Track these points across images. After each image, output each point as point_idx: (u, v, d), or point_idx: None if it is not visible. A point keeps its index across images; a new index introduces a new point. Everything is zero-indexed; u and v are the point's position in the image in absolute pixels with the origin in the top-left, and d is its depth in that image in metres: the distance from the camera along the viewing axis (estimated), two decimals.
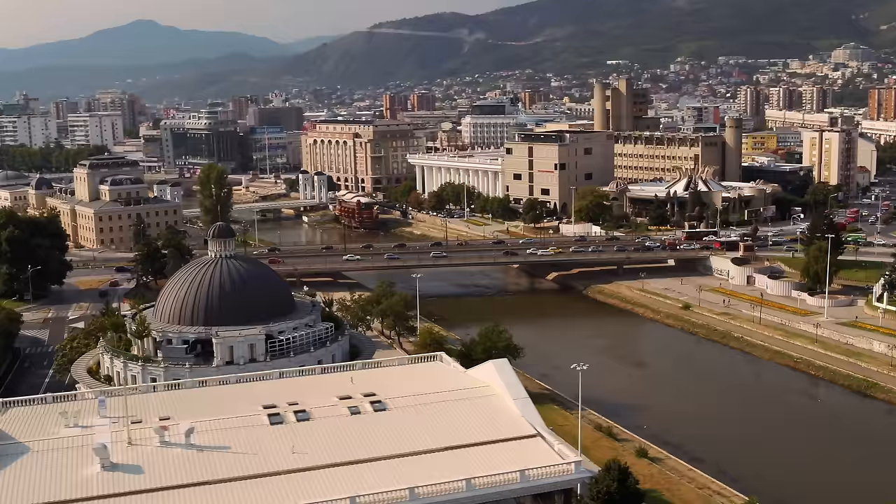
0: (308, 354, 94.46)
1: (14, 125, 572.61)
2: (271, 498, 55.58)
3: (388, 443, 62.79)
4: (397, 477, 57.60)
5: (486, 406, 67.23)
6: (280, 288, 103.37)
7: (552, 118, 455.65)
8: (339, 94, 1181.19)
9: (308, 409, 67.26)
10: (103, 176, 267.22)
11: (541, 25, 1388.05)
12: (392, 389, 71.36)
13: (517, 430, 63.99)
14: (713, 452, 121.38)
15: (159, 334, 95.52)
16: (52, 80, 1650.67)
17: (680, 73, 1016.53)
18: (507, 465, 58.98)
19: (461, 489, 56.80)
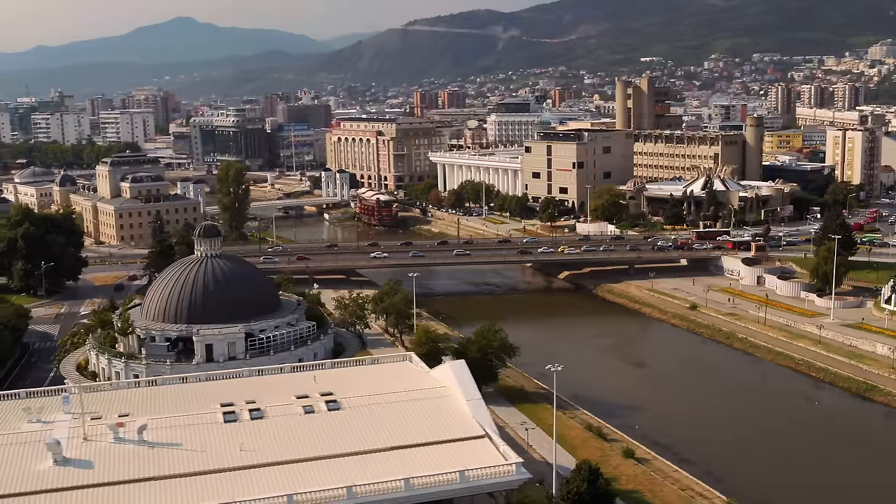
0: (288, 353, 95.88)
1: (47, 122, 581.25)
2: (212, 494, 56.89)
3: (336, 442, 63.92)
4: (339, 476, 58.67)
5: (438, 407, 68.15)
6: (264, 287, 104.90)
7: (576, 116, 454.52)
8: (374, 92, 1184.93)
9: (263, 407, 68.58)
10: (124, 173, 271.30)
11: (575, 23, 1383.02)
12: (351, 389, 72.44)
13: (466, 430, 64.81)
14: (703, 454, 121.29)
15: (143, 332, 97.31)
16: (91, 77, 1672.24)
17: (714, 70, 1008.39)
18: (449, 465, 59.83)
19: (399, 488, 57.76)
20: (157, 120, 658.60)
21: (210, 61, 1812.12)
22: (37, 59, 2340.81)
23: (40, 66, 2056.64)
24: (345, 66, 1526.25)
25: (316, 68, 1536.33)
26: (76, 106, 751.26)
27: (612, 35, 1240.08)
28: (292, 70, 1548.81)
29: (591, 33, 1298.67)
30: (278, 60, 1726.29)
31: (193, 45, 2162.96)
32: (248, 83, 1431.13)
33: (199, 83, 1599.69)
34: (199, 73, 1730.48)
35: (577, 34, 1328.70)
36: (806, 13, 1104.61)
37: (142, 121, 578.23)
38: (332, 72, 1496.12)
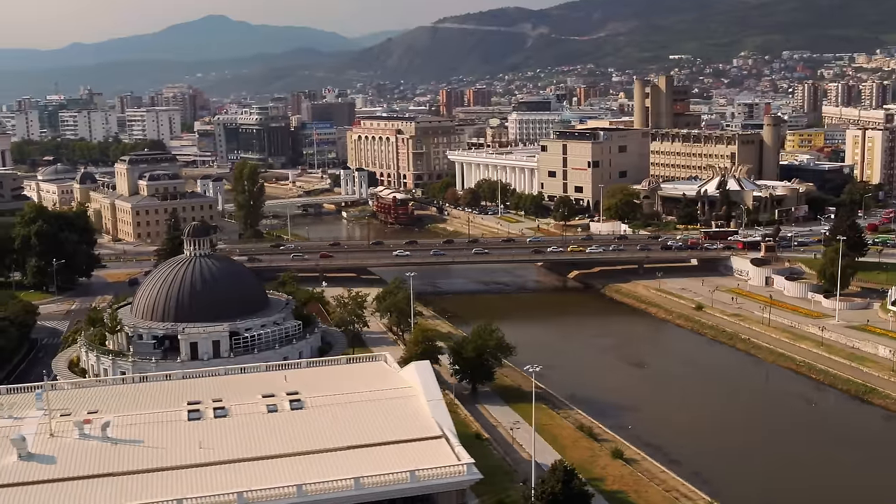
0: (273, 351, 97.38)
1: (75, 119, 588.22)
2: (165, 491, 58.30)
3: (294, 441, 65.17)
4: (292, 474, 59.85)
5: (400, 407, 69.24)
6: (251, 286, 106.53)
7: (596, 115, 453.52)
8: (402, 90, 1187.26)
9: (228, 406, 69.99)
10: (142, 171, 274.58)
11: (604, 20, 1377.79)
12: (319, 389, 73.70)
13: (424, 431, 65.84)
14: (693, 455, 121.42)
15: (131, 330, 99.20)
16: (124, 74, 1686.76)
17: (743, 68, 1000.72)
18: (402, 465, 60.83)
19: (349, 487, 58.83)
20: (185, 117, 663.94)
21: (241, 59, 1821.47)
22: (71, 56, 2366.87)
23: (75, 63, 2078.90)
24: (374, 64, 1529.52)
25: (345, 66, 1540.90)
26: (106, 103, 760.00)
27: (641, 32, 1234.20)
28: (322, 67, 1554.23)
29: (621, 31, 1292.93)
30: (308, 58, 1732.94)
31: (226, 42, 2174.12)
32: (278, 80, 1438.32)
33: (230, 80, 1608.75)
34: (231, 71, 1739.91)
35: (606, 32, 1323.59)
36: (838, 10, 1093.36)
37: (168, 119, 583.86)
38: (361, 69, 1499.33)
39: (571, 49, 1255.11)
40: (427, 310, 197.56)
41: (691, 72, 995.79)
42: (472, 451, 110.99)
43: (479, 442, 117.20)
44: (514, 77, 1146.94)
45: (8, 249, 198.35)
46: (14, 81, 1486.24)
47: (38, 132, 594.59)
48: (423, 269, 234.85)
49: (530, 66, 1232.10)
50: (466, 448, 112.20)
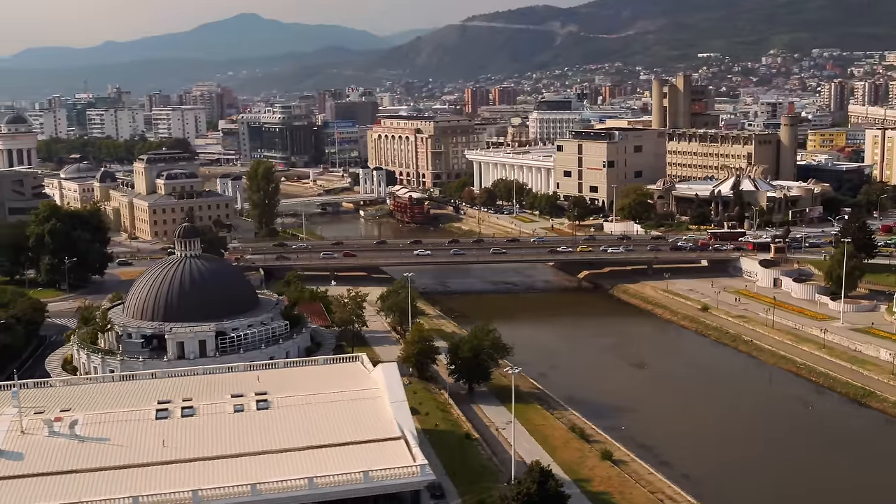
0: (259, 351, 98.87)
1: (102, 118, 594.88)
2: (122, 488, 59.81)
3: (256, 440, 66.58)
4: (250, 473, 61.19)
5: (363, 408, 70.44)
6: (240, 287, 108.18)
7: (616, 114, 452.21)
8: (430, 88, 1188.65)
9: (196, 405, 71.55)
10: (160, 170, 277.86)
11: (633, 18, 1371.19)
12: (288, 389, 75.06)
13: (384, 432, 67.01)
14: (684, 457, 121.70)
15: (121, 329, 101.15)
16: (156, 72, 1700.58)
17: (771, 66, 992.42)
18: (358, 465, 61.98)
19: (303, 487, 60.09)
20: (212, 116, 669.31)
21: (272, 57, 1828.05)
22: (105, 54, 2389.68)
23: (108, 61, 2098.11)
24: (403, 62, 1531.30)
25: (375, 64, 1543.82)
26: (135, 101, 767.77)
27: (670, 30, 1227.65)
28: (352, 66, 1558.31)
29: (649, 29, 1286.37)
30: (338, 56, 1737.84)
31: (257, 41, 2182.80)
32: (307, 78, 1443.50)
33: (261, 79, 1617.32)
34: (262, 69, 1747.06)
35: (634, 30, 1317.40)
36: (867, 7, 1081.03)
37: (193, 117, 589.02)
38: (390, 67, 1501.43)
39: (600, 47, 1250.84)
40: (434, 309, 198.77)
41: (719, 70, 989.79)
42: (459, 451, 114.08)
43: (469, 442, 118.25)
44: (542, 75, 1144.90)
45: (23, 247, 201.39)
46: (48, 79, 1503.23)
47: (65, 130, 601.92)
48: (433, 269, 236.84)
49: (559, 64, 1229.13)
50: (455, 448, 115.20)
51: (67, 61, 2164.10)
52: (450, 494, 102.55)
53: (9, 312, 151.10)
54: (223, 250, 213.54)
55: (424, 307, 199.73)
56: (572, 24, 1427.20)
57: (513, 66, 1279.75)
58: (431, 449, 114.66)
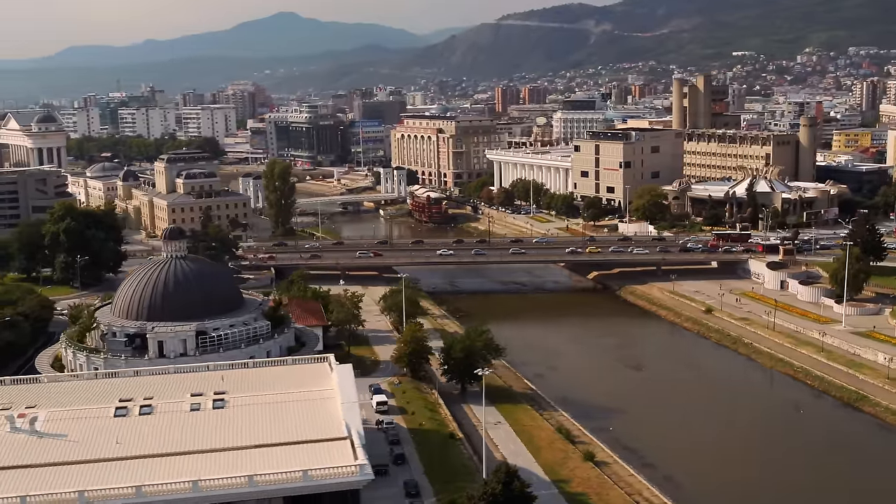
0: (239, 350, 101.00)
1: (133, 117, 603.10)
2: (61, 481, 62.01)
3: (207, 438, 68.70)
4: (193, 470, 63.25)
5: (315, 408, 72.30)
6: (224, 288, 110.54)
7: (639, 114, 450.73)
8: (463, 87, 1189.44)
9: (155, 404, 73.72)
10: (180, 170, 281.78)
11: (668, 16, 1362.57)
12: (248, 389, 77.12)
13: (331, 432, 68.73)
14: (669, 459, 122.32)
15: (106, 328, 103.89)
16: (194, 70, 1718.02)
17: (807, 64, 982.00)
18: (300, 464, 63.77)
19: (244, 484, 62.03)
20: (244, 115, 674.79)
21: (310, 55, 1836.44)
22: (145, 52, 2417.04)
23: (148, 59, 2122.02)
24: (438, 61, 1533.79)
25: (410, 63, 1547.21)
26: (169, 100, 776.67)
27: (705, 29, 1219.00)
28: (388, 64, 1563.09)
29: (684, 27, 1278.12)
30: (375, 54, 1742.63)
31: (296, 39, 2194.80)
32: (344, 77, 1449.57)
33: (298, 77, 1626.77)
34: (299, 68, 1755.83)
35: (669, 28, 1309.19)
36: None
37: (223, 116, 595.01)
38: (425, 66, 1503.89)
39: (634, 46, 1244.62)
40: (439, 309, 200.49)
41: (754, 69, 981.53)
42: (441, 451, 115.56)
43: (452, 441, 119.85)
44: (576, 74, 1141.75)
45: (39, 246, 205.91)
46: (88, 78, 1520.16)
47: (98, 129, 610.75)
48: (445, 269, 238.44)
49: (592, 62, 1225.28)
50: (437, 447, 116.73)
51: (108, 60, 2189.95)
52: (425, 492, 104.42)
53: (16, 309, 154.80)
54: (234, 249, 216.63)
55: (430, 307, 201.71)
56: (607, 22, 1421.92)
57: (547, 65, 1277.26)
58: (413, 448, 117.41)
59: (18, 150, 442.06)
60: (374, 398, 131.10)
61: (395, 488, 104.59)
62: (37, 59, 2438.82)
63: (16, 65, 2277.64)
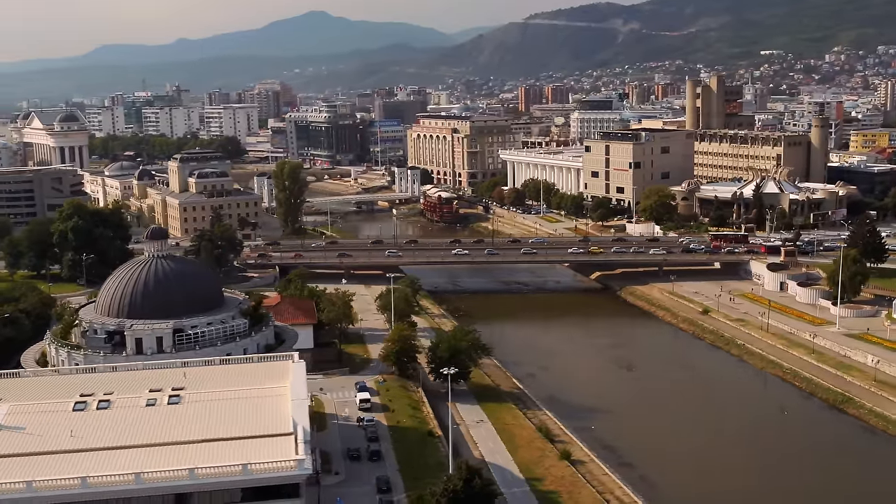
0: (215, 348, 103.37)
1: (157, 116, 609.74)
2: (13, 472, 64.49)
3: (156, 432, 71.08)
4: (137, 463, 65.59)
5: (266, 405, 74.41)
6: (205, 287, 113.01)
7: (655, 114, 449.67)
8: (490, 86, 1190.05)
9: (113, 399, 76.21)
10: (192, 169, 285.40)
11: (696, 15, 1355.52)
12: (206, 385, 79.41)
13: (278, 428, 70.81)
14: (647, 459, 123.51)
15: (87, 325, 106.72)
16: (225, 69, 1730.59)
17: (835, 63, 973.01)
18: (243, 458, 65.92)
19: (184, 477, 64.29)
20: (269, 114, 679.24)
21: (339, 54, 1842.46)
22: (177, 51, 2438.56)
23: (180, 58, 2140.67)
24: (466, 60, 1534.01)
25: (437, 62, 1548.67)
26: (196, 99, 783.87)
27: (733, 28, 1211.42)
28: (415, 63, 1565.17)
29: (712, 26, 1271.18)
30: (403, 54, 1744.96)
31: (325, 38, 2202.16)
32: (371, 76, 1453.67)
33: (326, 76, 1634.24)
34: (328, 67, 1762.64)
35: (697, 27, 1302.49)
36: None
37: (245, 115, 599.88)
38: (453, 65, 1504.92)
39: (662, 44, 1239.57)
40: (439, 308, 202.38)
41: (781, 67, 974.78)
42: (418, 448, 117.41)
43: (430, 439, 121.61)
44: (602, 73, 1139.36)
45: (48, 244, 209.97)
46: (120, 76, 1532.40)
47: (123, 128, 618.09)
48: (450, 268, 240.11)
49: (619, 62, 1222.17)
50: (414, 444, 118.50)
51: (140, 58, 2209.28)
52: (397, 489, 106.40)
53: (18, 306, 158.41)
54: (238, 248, 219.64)
55: (430, 306, 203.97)
56: (634, 21, 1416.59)
57: (574, 64, 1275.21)
58: (390, 444, 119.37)
59: (42, 149, 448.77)
60: (358, 395, 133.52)
61: (368, 485, 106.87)
62: (70, 58, 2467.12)
63: (50, 64, 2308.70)
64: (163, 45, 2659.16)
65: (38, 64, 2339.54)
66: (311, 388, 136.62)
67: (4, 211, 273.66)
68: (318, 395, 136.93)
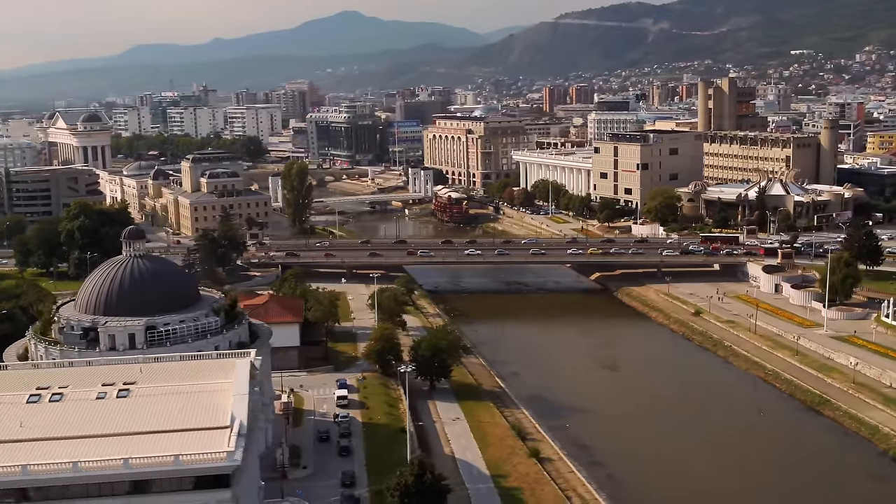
0: (186, 344, 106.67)
1: (181, 116, 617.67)
2: None
3: (102, 424, 74.49)
4: (79, 452, 69.00)
5: (209, 399, 77.55)
6: (180, 286, 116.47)
7: (671, 115, 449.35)
8: (519, 86, 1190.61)
9: (66, 392, 79.76)
10: (204, 169, 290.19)
11: (726, 14, 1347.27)
12: (158, 380, 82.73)
13: (216, 421, 73.89)
14: (616, 457, 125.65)
15: (65, 322, 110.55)
16: (258, 69, 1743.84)
17: (865, 63, 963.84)
18: (177, 449, 69.18)
19: (118, 466, 67.72)
20: (295, 114, 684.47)
21: (370, 54, 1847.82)
22: (212, 51, 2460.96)
23: (214, 58, 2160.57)
24: (496, 60, 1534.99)
25: (468, 62, 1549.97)
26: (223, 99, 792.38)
27: (763, 27, 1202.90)
28: (445, 63, 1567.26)
29: (742, 25, 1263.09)
30: (434, 54, 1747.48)
31: (358, 38, 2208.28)
32: (401, 76, 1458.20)
33: (357, 76, 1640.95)
34: (359, 66, 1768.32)
35: (727, 26, 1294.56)
36: None
37: (269, 116, 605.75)
38: (483, 65, 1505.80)
39: (691, 44, 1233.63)
40: (435, 308, 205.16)
41: (811, 67, 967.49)
42: (388, 445, 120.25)
43: (402, 435, 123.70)
44: (630, 73, 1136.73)
45: (56, 242, 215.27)
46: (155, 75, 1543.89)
47: (149, 127, 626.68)
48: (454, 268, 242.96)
49: (649, 61, 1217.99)
50: (385, 441, 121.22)
51: (175, 58, 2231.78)
52: (361, 483, 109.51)
53: (18, 303, 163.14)
54: (242, 247, 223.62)
55: (426, 305, 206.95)
56: (665, 20, 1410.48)
57: (603, 64, 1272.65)
58: (362, 441, 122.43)
59: (66, 149, 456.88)
60: (336, 392, 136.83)
61: (333, 479, 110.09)
62: (106, 58, 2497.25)
63: (87, 63, 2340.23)
64: (198, 45, 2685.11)
65: (74, 64, 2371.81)
66: (293, 385, 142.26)
67: (22, 210, 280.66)
68: (299, 392, 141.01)
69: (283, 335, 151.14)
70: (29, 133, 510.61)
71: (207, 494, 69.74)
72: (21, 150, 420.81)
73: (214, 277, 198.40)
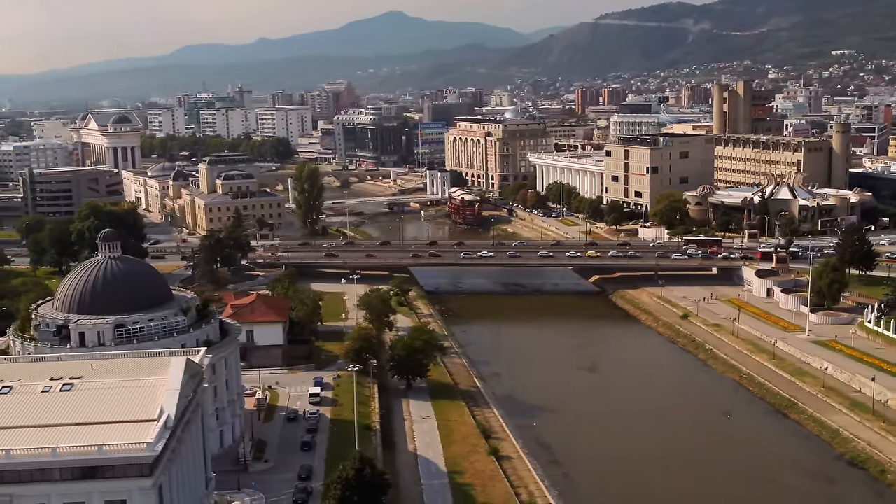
0: (153, 342, 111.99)
1: (213, 117, 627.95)
2: None
3: (38, 415, 79.66)
4: (10, 441, 74.39)
5: (144, 394, 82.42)
6: (152, 286, 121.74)
7: (692, 118, 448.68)
8: (556, 86, 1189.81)
9: (16, 385, 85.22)
10: (220, 171, 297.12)
11: (767, 14, 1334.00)
12: (103, 376, 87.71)
13: (147, 414, 78.81)
14: (576, 457, 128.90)
15: (41, 319, 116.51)
16: (302, 69, 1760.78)
17: None
18: (105, 440, 74.35)
19: (47, 454, 73.04)
20: (329, 115, 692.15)
21: (413, 54, 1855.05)
22: (258, 51, 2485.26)
23: (260, 58, 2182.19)
24: (536, 60, 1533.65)
25: (508, 62, 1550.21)
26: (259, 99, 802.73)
27: (804, 27, 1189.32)
28: (486, 63, 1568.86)
29: (783, 25, 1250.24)
30: (475, 54, 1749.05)
31: (402, 39, 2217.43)
32: (441, 76, 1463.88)
33: (399, 77, 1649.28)
34: (401, 67, 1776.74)
35: (768, 26, 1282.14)
36: None
37: (298, 117, 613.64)
38: (523, 65, 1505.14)
39: (732, 44, 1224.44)
40: (430, 308, 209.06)
41: (851, 68, 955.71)
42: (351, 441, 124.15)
43: (367, 432, 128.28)
44: (669, 74, 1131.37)
45: (68, 242, 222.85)
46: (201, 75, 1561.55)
47: (184, 128, 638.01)
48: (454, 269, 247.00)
49: (688, 62, 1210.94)
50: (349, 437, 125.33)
51: (222, 58, 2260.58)
52: (317, 477, 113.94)
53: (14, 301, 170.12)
54: (246, 248, 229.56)
55: (422, 306, 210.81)
56: (706, 20, 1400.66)
57: (643, 65, 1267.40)
58: (326, 436, 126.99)
59: (97, 149, 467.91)
60: (310, 390, 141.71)
61: (292, 473, 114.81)
62: (156, 58, 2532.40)
63: (140, 62, 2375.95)
64: (244, 45, 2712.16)
65: (129, 63, 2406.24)
66: (271, 382, 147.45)
67: (45, 209, 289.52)
68: (276, 389, 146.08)
69: (268, 334, 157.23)
70: (62, 134, 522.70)
71: (129, 482, 74.66)
72: (53, 151, 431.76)
73: (213, 276, 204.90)
